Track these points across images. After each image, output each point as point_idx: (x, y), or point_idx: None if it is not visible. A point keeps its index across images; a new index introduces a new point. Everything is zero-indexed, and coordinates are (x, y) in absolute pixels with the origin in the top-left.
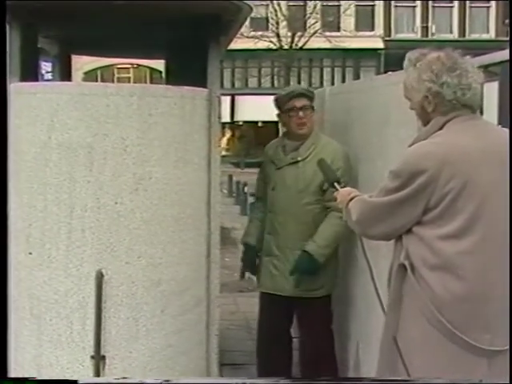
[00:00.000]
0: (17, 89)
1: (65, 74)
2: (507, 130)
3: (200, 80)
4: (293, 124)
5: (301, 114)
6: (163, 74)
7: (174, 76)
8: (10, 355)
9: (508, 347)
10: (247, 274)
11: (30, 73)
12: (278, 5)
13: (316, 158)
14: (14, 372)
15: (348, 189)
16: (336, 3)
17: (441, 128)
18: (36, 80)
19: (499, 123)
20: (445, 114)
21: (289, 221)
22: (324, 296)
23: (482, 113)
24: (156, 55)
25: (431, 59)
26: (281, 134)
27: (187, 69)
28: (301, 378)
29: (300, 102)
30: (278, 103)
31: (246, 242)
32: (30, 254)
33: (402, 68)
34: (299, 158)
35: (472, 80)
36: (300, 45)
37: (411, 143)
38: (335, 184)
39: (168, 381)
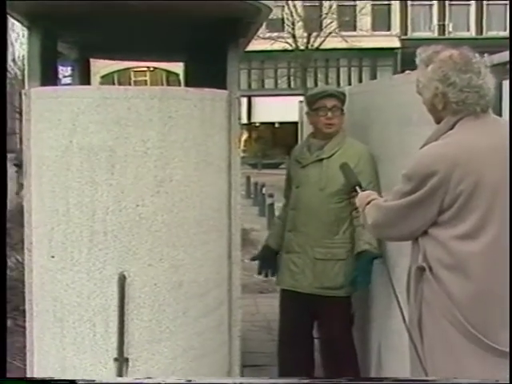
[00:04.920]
0: (38, 93)
1: (84, 77)
2: None
3: (219, 82)
4: (321, 123)
5: (329, 114)
6: (180, 77)
7: (193, 78)
8: (34, 358)
9: None
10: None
11: (50, 77)
12: (294, 6)
13: (340, 158)
14: (37, 374)
15: (367, 192)
16: (352, 3)
17: (452, 127)
18: (55, 84)
19: None
20: (455, 113)
21: (311, 219)
22: (343, 297)
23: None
24: (175, 58)
25: (443, 58)
26: (299, 134)
27: (206, 71)
28: (322, 378)
29: (330, 102)
30: (308, 102)
31: (266, 244)
32: (53, 257)
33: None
34: (324, 156)
35: (483, 82)
36: (316, 45)
37: (423, 144)
38: (356, 188)
39: (190, 381)
